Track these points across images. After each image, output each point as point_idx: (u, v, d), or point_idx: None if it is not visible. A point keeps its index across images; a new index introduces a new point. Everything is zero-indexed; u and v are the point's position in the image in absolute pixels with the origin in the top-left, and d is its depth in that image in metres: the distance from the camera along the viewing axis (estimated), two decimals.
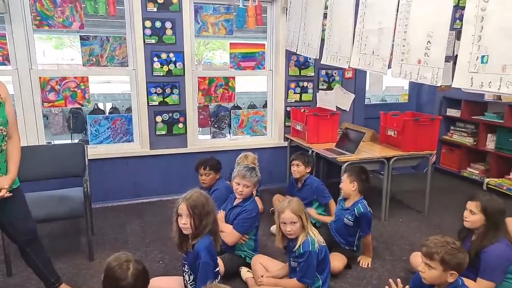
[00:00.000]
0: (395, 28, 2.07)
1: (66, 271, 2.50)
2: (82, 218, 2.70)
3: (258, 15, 3.62)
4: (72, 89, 3.42)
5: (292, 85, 4.03)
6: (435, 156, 3.43)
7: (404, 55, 1.98)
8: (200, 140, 3.99)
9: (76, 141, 5.56)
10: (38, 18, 3.18)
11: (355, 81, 4.23)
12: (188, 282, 2.01)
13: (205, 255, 1.86)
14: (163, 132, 3.69)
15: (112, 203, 3.63)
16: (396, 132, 3.40)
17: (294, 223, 2.08)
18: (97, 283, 2.33)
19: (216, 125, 6.13)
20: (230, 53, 3.86)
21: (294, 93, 4.05)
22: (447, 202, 3.72)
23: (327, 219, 2.86)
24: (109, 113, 5.84)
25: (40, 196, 2.72)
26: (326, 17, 2.89)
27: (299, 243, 2.09)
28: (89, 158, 2.94)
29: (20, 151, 1.97)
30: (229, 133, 5.73)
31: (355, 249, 2.62)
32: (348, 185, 2.59)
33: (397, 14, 2.04)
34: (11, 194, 1.88)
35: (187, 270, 2.01)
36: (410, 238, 3.01)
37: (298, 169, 3.09)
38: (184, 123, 3.74)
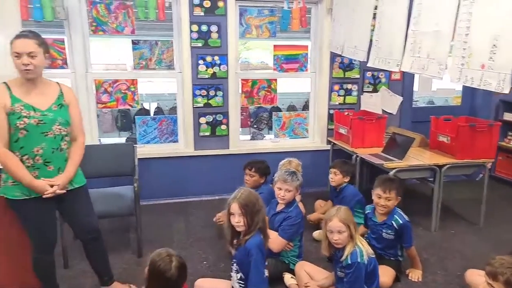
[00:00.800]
0: (454, 30, 1.96)
1: (116, 266, 2.60)
2: (130, 215, 2.82)
3: (303, 17, 3.60)
4: (123, 91, 3.57)
5: (336, 87, 3.96)
6: (490, 164, 3.22)
7: (464, 59, 1.88)
8: (242, 142, 4.03)
9: (123, 139, 5.82)
10: (94, 24, 3.35)
11: (403, 83, 4.08)
12: (236, 280, 2.05)
13: (257, 252, 1.92)
14: (207, 133, 3.77)
15: (157, 201, 3.75)
16: (449, 138, 3.23)
17: (342, 232, 2.04)
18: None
19: (255, 126, 6.17)
20: (273, 55, 3.86)
21: (337, 96, 3.98)
22: (504, 213, 3.48)
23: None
24: (154, 113, 6.05)
25: (92, 194, 2.86)
26: (374, 18, 2.81)
27: (347, 253, 2.05)
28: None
29: (82, 153, 2.08)
30: (268, 133, 5.76)
31: (401, 258, 2.52)
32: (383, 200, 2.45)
33: (457, 15, 1.93)
34: (65, 192, 2.00)
35: (235, 268, 2.05)
36: (464, 252, 2.84)
37: (335, 178, 3.05)
38: (227, 124, 3.79)
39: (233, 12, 3.54)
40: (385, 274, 2.34)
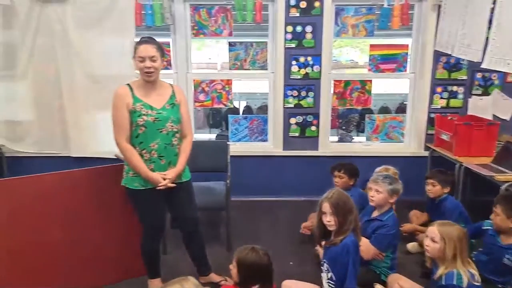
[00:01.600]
0: None
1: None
2: (220, 210, 2.96)
3: (404, 14, 3.38)
4: (218, 91, 3.76)
5: (439, 89, 3.64)
6: None
7: None
8: (331, 144, 3.95)
9: (213, 135, 6.15)
10: (196, 27, 3.59)
11: None
12: (326, 280, 2.04)
13: (356, 251, 1.93)
14: (296, 134, 3.77)
15: (244, 198, 3.86)
16: None
17: (434, 241, 1.90)
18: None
19: (343, 127, 5.99)
20: (369, 55, 3.70)
21: (440, 98, 3.66)
22: None
23: None
24: (243, 111, 6.26)
25: None
26: (492, 14, 2.50)
27: (441, 272, 1.88)
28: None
29: (190, 149, 2.24)
30: (358, 136, 5.55)
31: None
32: (505, 221, 2.17)
33: None
34: (175, 185, 2.16)
35: (326, 268, 2.04)
36: None
37: (433, 189, 2.81)
38: (317, 126, 3.75)
39: (329, 12, 3.48)
40: None
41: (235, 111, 5.95)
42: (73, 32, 3.35)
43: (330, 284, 2.02)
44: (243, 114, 5.91)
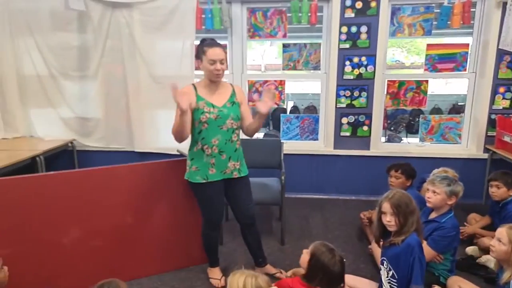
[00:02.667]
0: None
1: None
2: (274, 205, 3.05)
3: (466, 13, 3.29)
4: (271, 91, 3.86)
5: (501, 89, 3.50)
6: None
7: None
8: (383, 144, 3.93)
9: (261, 134, 6.27)
10: (252, 30, 3.72)
11: None
12: (386, 279, 2.06)
13: (421, 250, 1.92)
14: (347, 134, 3.79)
15: (295, 195, 3.95)
16: None
17: (500, 242, 1.88)
18: (288, 265, 2.59)
19: (392, 128, 5.87)
20: (426, 55, 3.63)
21: (503, 99, 3.52)
22: None
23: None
24: (290, 111, 6.33)
25: None
26: None
27: (506, 277, 1.85)
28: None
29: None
30: (407, 137, 5.42)
31: None
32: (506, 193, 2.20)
33: None
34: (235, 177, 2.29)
35: (385, 266, 2.06)
36: None
37: (498, 192, 2.71)
38: (369, 126, 3.74)
39: (386, 12, 3.47)
40: None
41: (283, 111, 6.04)
42: (139, 35, 3.60)
43: (391, 282, 2.03)
44: (290, 113, 5.98)
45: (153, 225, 2.52)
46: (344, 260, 1.83)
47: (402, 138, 5.29)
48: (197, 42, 2.31)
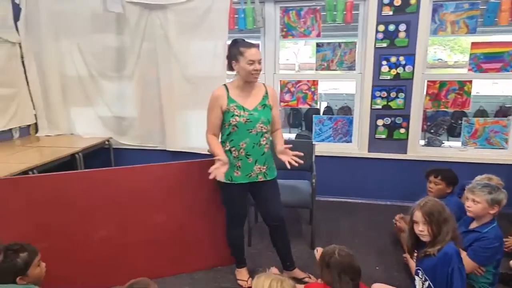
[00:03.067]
0: None
1: None
2: (304, 208, 2.99)
3: None
4: (304, 91, 3.81)
5: None
6: None
7: None
8: (421, 148, 3.75)
9: (293, 135, 6.20)
10: (285, 29, 3.67)
11: None
12: None
13: (460, 260, 1.83)
14: (383, 136, 3.65)
15: (326, 198, 3.86)
16: None
17: None
18: (318, 270, 2.54)
19: (432, 130, 5.61)
20: (470, 54, 3.42)
21: None
22: None
23: None
24: (324, 112, 6.22)
25: None
26: None
27: None
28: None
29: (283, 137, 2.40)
30: (448, 140, 5.15)
31: None
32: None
33: None
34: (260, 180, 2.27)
35: (421, 276, 1.96)
36: None
37: None
38: (407, 128, 3.58)
39: (427, 9, 3.30)
40: None
41: (316, 111, 5.95)
42: (173, 36, 3.65)
43: None
44: (323, 114, 5.88)
45: (183, 224, 2.55)
46: (350, 252, 1.80)
47: (443, 142, 5.04)
48: (229, 42, 2.30)
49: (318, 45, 3.70)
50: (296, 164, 2.18)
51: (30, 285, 1.72)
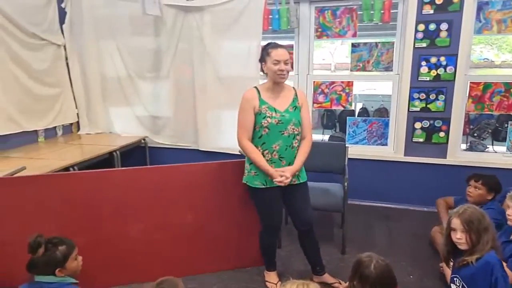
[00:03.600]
0: None
1: None
2: (336, 212, 2.93)
3: None
4: (338, 92, 3.73)
5: None
6: None
7: None
8: (462, 153, 3.56)
9: (326, 136, 6.10)
10: (320, 29, 3.62)
11: None
12: None
13: (502, 270, 1.75)
14: (421, 140, 3.51)
15: (359, 202, 3.77)
16: None
17: None
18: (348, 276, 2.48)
19: (475, 134, 5.31)
20: None
21: None
22: None
23: None
24: (359, 113, 6.07)
25: None
26: None
27: None
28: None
29: (309, 150, 2.27)
30: (493, 145, 4.86)
31: None
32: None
33: None
34: (287, 183, 2.18)
35: (458, 284, 1.88)
36: None
37: None
38: (446, 132, 3.42)
39: (471, 7, 3.13)
40: None
41: (350, 113, 5.82)
42: (208, 37, 3.70)
43: None
44: (358, 116, 5.73)
45: (213, 224, 2.57)
46: (386, 263, 1.66)
47: (487, 146, 4.76)
48: (264, 43, 2.30)
49: (353, 45, 3.62)
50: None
51: (67, 277, 1.81)
